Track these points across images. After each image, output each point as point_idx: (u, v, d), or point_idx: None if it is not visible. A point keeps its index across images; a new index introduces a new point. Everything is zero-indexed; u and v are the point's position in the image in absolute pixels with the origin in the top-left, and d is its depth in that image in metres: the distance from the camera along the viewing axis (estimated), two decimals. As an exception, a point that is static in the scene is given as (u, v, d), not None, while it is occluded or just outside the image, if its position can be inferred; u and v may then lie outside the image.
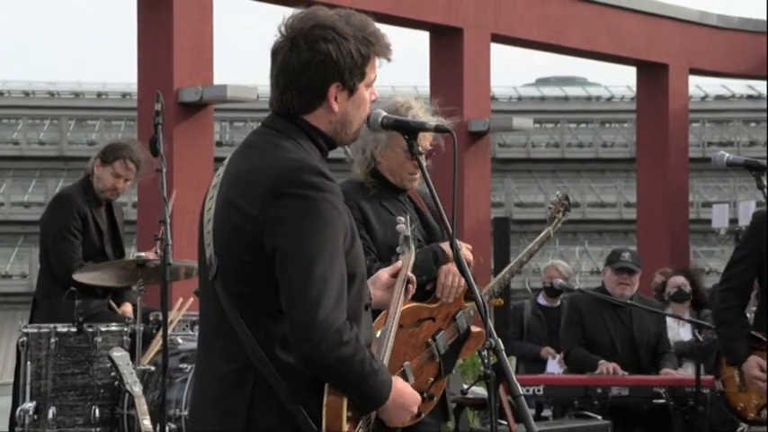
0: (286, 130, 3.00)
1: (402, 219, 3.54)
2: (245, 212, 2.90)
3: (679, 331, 8.60)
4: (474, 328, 4.12)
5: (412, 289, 3.40)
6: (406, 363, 3.79)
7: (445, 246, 4.27)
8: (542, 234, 4.64)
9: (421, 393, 3.21)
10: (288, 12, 3.05)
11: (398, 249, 3.44)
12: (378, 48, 3.02)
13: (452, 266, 4.16)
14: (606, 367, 7.14)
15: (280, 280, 2.85)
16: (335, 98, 2.99)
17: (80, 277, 6.16)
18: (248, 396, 2.89)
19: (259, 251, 2.87)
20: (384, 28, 3.07)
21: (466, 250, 4.24)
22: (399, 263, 3.39)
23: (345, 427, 2.86)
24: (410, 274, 3.38)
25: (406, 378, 3.10)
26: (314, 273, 2.82)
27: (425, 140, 4.17)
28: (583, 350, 7.41)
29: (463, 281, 4.17)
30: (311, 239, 2.84)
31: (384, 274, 3.40)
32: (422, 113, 4.12)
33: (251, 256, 2.88)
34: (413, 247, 3.48)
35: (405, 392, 2.99)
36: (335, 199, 2.89)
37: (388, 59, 3.08)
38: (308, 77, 2.97)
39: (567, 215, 4.75)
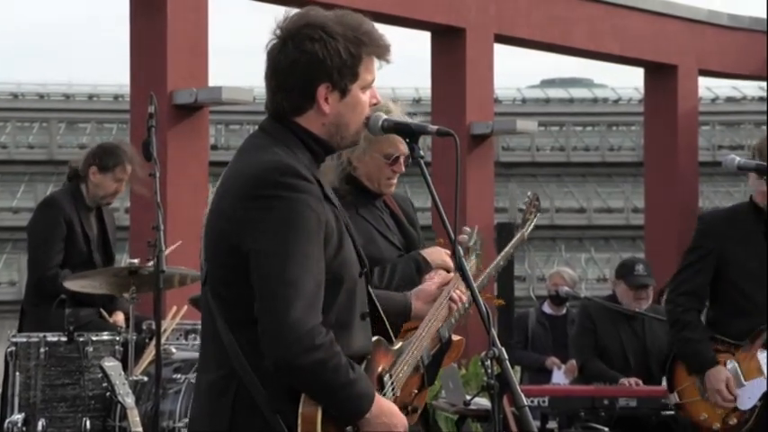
0: (276, 133, 3.03)
1: (468, 229, 3.53)
2: (227, 215, 2.96)
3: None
4: (454, 337, 4.13)
5: (454, 308, 3.36)
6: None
7: (427, 252, 4.28)
8: (516, 238, 4.65)
9: (406, 407, 3.22)
10: (285, 11, 3.06)
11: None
12: (372, 48, 3.03)
13: (436, 275, 4.16)
14: (628, 382, 7.13)
15: (253, 282, 2.89)
16: (326, 99, 3.00)
17: (70, 285, 6.16)
18: (231, 404, 2.94)
19: (237, 254, 2.92)
20: (384, 28, 3.07)
21: (446, 256, 4.23)
22: (450, 274, 3.36)
23: None
24: (455, 294, 3.36)
25: (382, 387, 3.10)
26: (285, 274, 2.85)
27: (401, 145, 4.17)
28: (600, 363, 7.40)
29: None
30: (283, 240, 2.87)
31: (432, 285, 3.38)
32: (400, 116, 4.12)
33: (232, 259, 2.93)
34: (473, 259, 3.47)
35: (391, 412, 2.99)
36: (312, 200, 2.91)
37: (387, 60, 3.07)
38: (296, 78, 2.99)
39: (538, 216, 4.77)
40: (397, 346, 3.22)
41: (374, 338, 3.12)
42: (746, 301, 5.24)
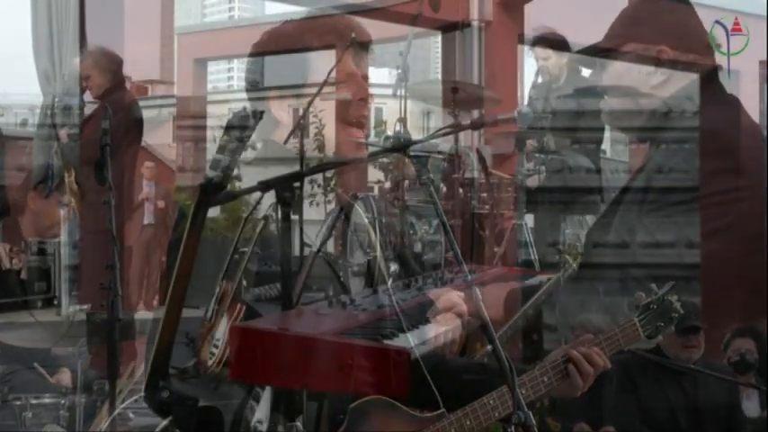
0: None
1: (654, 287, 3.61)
2: None
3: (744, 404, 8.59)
4: None
5: None
6: None
7: (434, 294, 4.28)
8: (551, 281, 4.66)
9: None
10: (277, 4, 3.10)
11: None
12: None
13: (441, 320, 4.17)
14: None
15: None
16: None
17: (1, 338, 6.16)
18: None
19: None
20: (384, 25, 3.09)
21: (457, 299, 4.23)
22: None
23: None
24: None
25: None
26: None
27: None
28: (646, 430, 7.40)
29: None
30: None
31: None
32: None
33: None
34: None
35: None
36: None
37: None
38: None
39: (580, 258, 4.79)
40: (436, 413, 3.22)
41: (371, 397, 3.13)
42: None
